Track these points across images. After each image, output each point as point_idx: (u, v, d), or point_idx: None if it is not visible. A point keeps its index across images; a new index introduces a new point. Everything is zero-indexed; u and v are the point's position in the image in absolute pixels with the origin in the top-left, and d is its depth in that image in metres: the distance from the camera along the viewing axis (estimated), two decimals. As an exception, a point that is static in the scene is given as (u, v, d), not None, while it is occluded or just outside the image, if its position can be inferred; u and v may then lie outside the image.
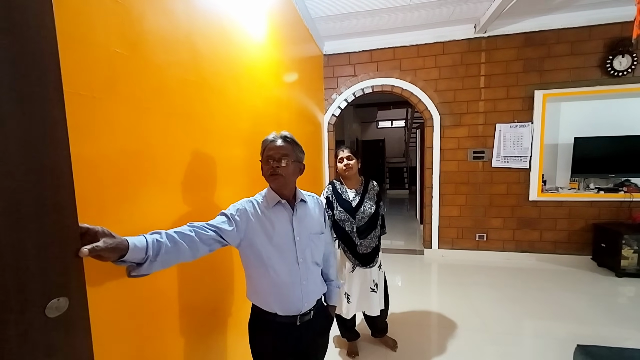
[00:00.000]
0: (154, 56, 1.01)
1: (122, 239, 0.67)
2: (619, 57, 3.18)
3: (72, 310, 0.55)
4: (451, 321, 2.36)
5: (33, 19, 0.49)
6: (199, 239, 0.88)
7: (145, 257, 0.72)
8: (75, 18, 0.74)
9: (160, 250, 0.75)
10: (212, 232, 0.93)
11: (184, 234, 0.85)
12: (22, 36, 0.48)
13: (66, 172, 0.55)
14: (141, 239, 0.73)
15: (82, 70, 0.75)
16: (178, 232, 0.84)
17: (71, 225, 0.56)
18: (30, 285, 0.49)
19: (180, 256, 0.83)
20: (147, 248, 0.72)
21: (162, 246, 0.76)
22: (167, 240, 0.78)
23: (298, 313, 1.08)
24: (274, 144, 1.08)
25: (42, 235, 0.51)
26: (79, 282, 0.57)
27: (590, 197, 3.39)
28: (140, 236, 0.74)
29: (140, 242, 0.72)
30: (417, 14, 3.18)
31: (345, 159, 1.86)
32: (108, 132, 0.83)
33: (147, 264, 0.72)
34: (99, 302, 0.78)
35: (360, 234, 1.85)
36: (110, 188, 0.83)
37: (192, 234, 0.87)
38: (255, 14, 1.84)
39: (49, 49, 0.52)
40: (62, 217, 0.54)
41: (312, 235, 1.14)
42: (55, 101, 0.53)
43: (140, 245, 0.71)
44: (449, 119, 3.69)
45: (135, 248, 0.69)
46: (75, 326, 0.57)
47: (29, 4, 0.49)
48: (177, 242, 0.81)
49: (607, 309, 2.47)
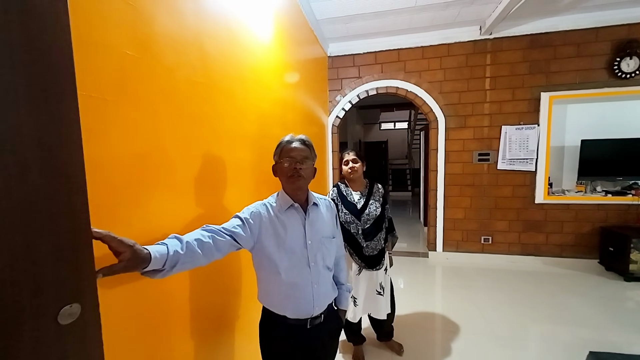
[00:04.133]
0: (164, 58, 1.00)
1: (144, 253, 0.69)
2: (626, 59, 3.15)
3: (84, 316, 0.54)
4: (457, 325, 2.34)
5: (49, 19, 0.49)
6: (215, 246, 0.90)
7: (162, 267, 0.74)
8: (88, 19, 0.74)
9: (177, 262, 0.77)
10: (227, 237, 0.94)
11: (202, 242, 0.86)
12: (38, 38, 0.48)
13: (80, 175, 0.54)
14: (162, 250, 0.75)
15: (94, 72, 0.75)
16: (197, 239, 0.85)
17: (84, 230, 0.55)
18: (44, 290, 0.48)
19: (196, 263, 0.84)
20: (165, 261, 0.74)
21: (179, 258, 0.78)
22: (186, 251, 0.80)
23: (309, 316, 1.07)
24: (294, 145, 1.07)
25: (56, 239, 0.50)
26: (91, 287, 0.56)
27: (597, 200, 3.36)
28: (162, 245, 0.76)
29: (161, 254, 0.74)
30: (423, 15, 3.17)
31: (351, 161, 1.86)
32: (119, 134, 0.82)
33: (163, 272, 0.75)
34: (110, 307, 0.77)
35: (365, 236, 1.83)
36: (121, 191, 0.82)
37: (209, 240, 0.88)
38: (262, 15, 1.84)
39: (63, 50, 0.51)
40: (76, 222, 0.53)
41: (323, 239, 1.13)
42: (70, 103, 0.52)
43: (160, 258, 0.73)
44: (454, 121, 3.67)
45: (155, 261, 0.71)
46: (87, 333, 0.55)
47: (45, 6, 0.48)
48: (195, 251, 0.83)
49: (615, 314, 2.44)
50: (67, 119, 0.52)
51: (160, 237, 0.88)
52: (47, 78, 0.49)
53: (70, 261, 0.52)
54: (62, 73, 0.51)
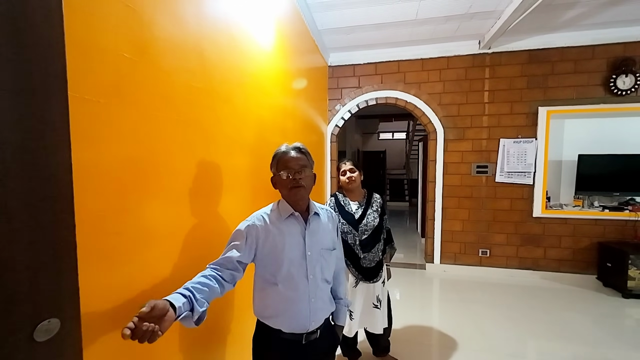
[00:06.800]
0: (163, 62, 0.98)
1: (171, 318, 0.71)
2: (622, 76, 3.20)
3: (63, 332, 0.50)
4: (454, 341, 2.28)
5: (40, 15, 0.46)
6: (221, 286, 0.91)
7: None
8: (84, 20, 0.71)
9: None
10: (230, 270, 0.95)
11: (213, 290, 0.88)
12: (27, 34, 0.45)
13: (66, 180, 0.51)
14: (184, 308, 0.76)
15: (88, 74, 0.72)
16: (211, 289, 0.87)
17: (68, 239, 0.52)
18: (20, 305, 0.45)
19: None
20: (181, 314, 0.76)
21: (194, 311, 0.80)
22: (202, 303, 0.82)
23: (304, 331, 1.03)
24: (290, 155, 1.05)
25: (36, 249, 0.47)
26: (72, 301, 0.52)
27: (595, 215, 3.35)
28: (185, 305, 0.77)
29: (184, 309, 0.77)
30: (423, 28, 3.21)
31: (348, 171, 1.84)
32: (110, 138, 0.79)
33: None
34: (92, 322, 0.72)
35: (363, 248, 1.80)
36: (110, 196, 0.79)
37: (216, 286, 0.89)
38: (263, 23, 1.84)
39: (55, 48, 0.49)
40: (58, 230, 0.50)
41: (323, 250, 1.09)
42: (59, 104, 0.50)
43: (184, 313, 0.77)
44: (452, 133, 3.68)
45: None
46: (65, 351, 0.51)
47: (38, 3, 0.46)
48: (208, 302, 0.85)
49: (614, 331, 2.40)
50: (54, 120, 0.49)
51: (150, 246, 0.84)
52: (35, 77, 0.46)
53: (50, 273, 0.49)
54: (53, 73, 0.49)
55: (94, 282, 0.71)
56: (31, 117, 0.46)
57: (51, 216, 0.49)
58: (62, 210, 0.50)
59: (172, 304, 0.72)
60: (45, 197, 0.48)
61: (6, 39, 0.43)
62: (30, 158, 0.45)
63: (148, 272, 0.92)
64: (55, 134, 0.49)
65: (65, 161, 0.50)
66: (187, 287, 0.82)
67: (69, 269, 0.52)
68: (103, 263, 0.76)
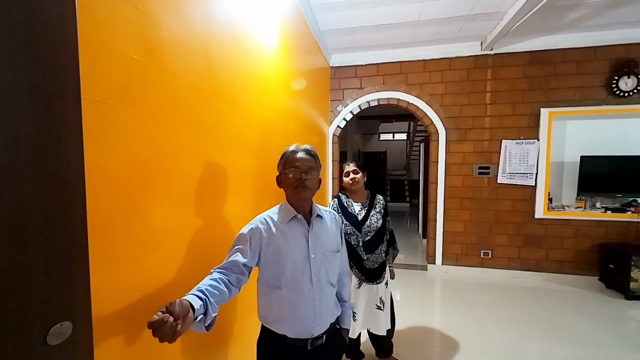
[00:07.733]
0: (170, 63, 0.98)
1: (190, 320, 0.69)
2: (624, 77, 3.20)
3: (75, 335, 0.50)
4: (457, 341, 2.28)
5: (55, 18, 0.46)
6: (229, 291, 0.90)
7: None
8: (95, 22, 0.71)
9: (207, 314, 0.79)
10: (237, 274, 0.94)
11: (223, 294, 0.86)
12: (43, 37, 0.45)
13: (79, 183, 0.51)
14: (200, 311, 0.75)
15: (97, 75, 0.72)
16: (221, 293, 0.86)
17: (80, 242, 0.51)
18: (33, 309, 0.45)
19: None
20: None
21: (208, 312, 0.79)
22: (214, 307, 0.81)
23: (309, 337, 1.02)
24: (299, 155, 1.05)
25: (50, 252, 0.47)
26: (84, 304, 0.52)
27: (597, 217, 3.35)
28: (201, 308, 0.76)
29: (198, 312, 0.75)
30: (425, 29, 3.21)
31: (352, 172, 1.85)
32: (118, 139, 0.79)
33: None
34: (102, 324, 0.72)
35: (366, 249, 1.80)
36: (118, 198, 0.79)
37: (226, 290, 0.88)
38: (267, 24, 1.84)
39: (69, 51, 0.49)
40: (71, 233, 0.50)
41: (327, 253, 1.08)
42: (72, 106, 0.50)
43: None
44: (454, 134, 3.68)
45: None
46: (78, 353, 0.51)
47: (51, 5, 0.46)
48: (218, 306, 0.84)
49: (617, 333, 2.40)
50: (69, 123, 0.49)
51: (157, 248, 0.84)
52: (50, 79, 0.46)
53: (63, 277, 0.49)
54: (67, 74, 0.49)
55: (103, 284, 0.71)
56: (46, 118, 0.46)
57: (65, 220, 0.48)
58: (75, 213, 0.50)
59: (192, 305, 0.70)
60: (59, 201, 0.48)
61: (23, 41, 0.43)
62: (44, 160, 0.45)
63: (155, 273, 0.92)
64: (69, 137, 0.49)
65: (78, 164, 0.50)
66: (200, 289, 0.79)
67: (81, 272, 0.52)
68: (111, 265, 0.76)
